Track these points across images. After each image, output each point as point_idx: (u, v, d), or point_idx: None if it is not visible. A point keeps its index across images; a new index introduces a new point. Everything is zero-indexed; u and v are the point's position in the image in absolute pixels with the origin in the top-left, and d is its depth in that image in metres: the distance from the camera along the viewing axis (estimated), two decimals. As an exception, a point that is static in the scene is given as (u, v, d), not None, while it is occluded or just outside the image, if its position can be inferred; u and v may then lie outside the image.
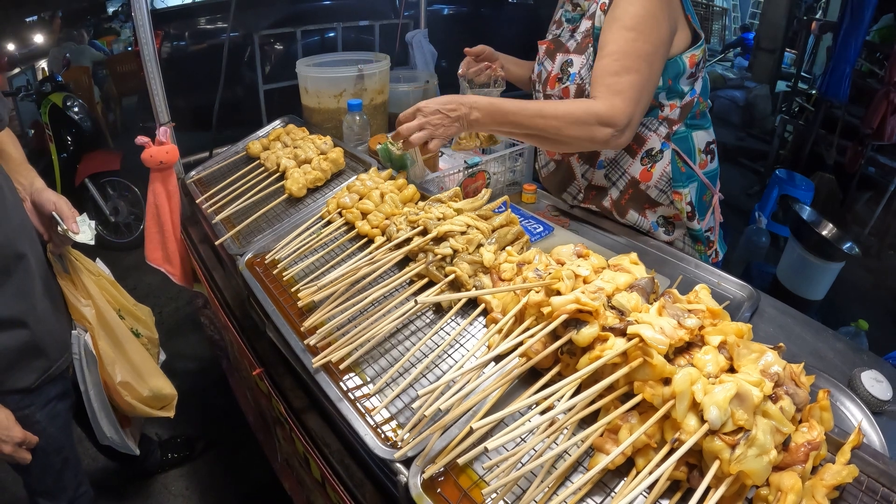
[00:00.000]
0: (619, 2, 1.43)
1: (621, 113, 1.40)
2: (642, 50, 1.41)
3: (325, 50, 2.90)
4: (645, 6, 1.40)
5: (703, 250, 1.77)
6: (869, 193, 4.60)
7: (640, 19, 1.40)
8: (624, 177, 1.68)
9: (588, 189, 1.78)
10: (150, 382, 1.85)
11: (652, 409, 0.89)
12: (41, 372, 1.50)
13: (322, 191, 1.92)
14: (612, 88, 1.41)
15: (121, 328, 1.78)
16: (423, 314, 1.30)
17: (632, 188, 1.68)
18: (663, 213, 1.72)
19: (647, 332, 0.89)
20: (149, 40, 2.05)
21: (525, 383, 1.05)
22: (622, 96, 1.40)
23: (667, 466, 0.81)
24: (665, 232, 1.73)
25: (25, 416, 1.49)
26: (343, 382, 1.16)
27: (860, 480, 0.88)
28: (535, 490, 0.86)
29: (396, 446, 1.00)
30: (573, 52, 1.60)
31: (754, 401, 0.83)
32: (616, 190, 1.71)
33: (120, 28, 6.86)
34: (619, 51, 1.41)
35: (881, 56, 4.83)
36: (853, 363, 1.27)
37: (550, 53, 1.68)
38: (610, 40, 1.43)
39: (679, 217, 1.70)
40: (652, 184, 1.66)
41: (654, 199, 1.69)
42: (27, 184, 1.57)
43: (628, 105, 1.41)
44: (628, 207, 1.72)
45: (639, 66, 1.41)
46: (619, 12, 1.43)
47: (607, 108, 1.40)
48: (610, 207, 1.74)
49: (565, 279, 1.04)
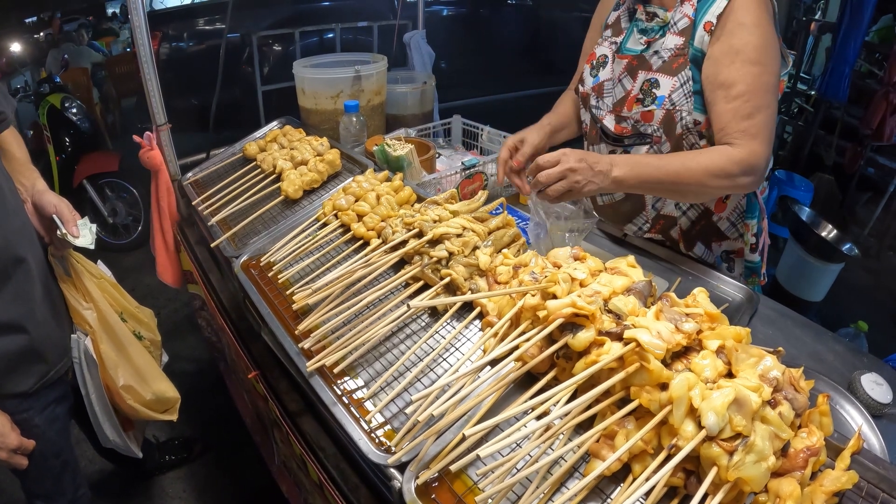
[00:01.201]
0: (736, 31, 1.31)
1: (762, 157, 1.32)
2: (768, 84, 1.32)
3: (324, 51, 2.90)
4: (765, 35, 1.30)
5: (756, 282, 1.69)
6: (868, 194, 4.59)
7: (763, 51, 1.30)
8: (696, 207, 1.58)
9: (656, 219, 1.64)
10: (153, 386, 1.83)
11: (649, 415, 0.88)
12: (40, 376, 1.49)
13: (318, 192, 1.91)
14: (748, 133, 1.31)
15: (123, 331, 1.76)
16: (419, 317, 1.29)
17: (704, 219, 1.59)
18: (728, 247, 1.65)
19: (643, 337, 0.88)
20: (145, 42, 2.05)
21: (521, 388, 1.04)
22: (759, 139, 1.31)
23: (663, 473, 0.80)
24: (728, 268, 1.66)
25: (24, 420, 1.48)
26: (337, 386, 1.16)
27: (860, 486, 0.87)
28: (530, 496, 0.85)
29: (391, 451, 1.00)
30: (658, 72, 1.43)
31: (753, 406, 0.82)
32: (686, 220, 1.60)
33: (119, 29, 6.85)
34: (749, 91, 1.30)
35: (880, 56, 4.81)
36: (853, 366, 1.27)
37: (631, 70, 1.49)
38: (737, 79, 1.31)
39: (742, 252, 1.63)
40: (724, 215, 1.59)
41: (723, 232, 1.61)
42: (29, 185, 1.56)
43: (766, 147, 1.32)
44: (697, 239, 1.63)
45: (768, 102, 1.32)
46: (739, 44, 1.30)
47: (748, 154, 1.31)
48: (678, 238, 1.63)
49: (561, 282, 1.03)
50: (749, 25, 1.29)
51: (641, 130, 1.48)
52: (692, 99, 1.40)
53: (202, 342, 3.13)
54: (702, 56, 1.36)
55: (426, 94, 2.77)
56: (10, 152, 1.59)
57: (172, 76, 2.47)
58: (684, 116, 1.41)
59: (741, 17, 1.30)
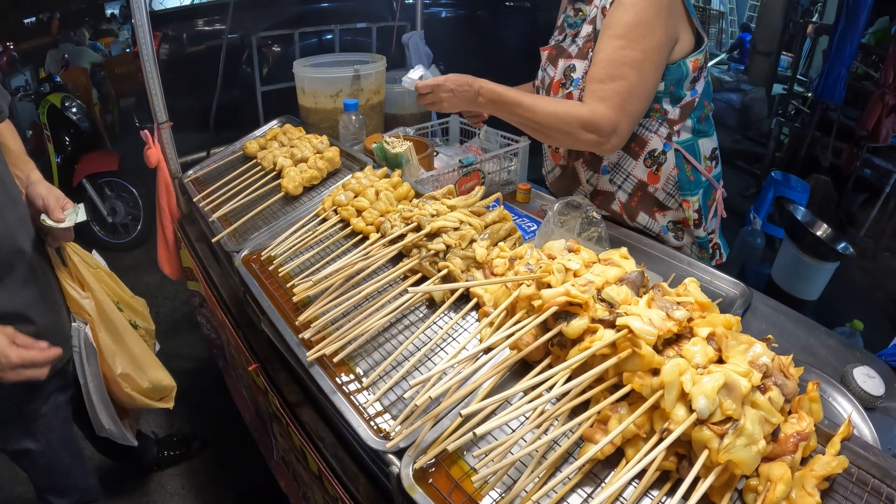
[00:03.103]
0: (614, 10, 1.46)
1: (603, 119, 1.44)
2: (629, 57, 1.43)
3: (323, 52, 2.92)
4: (637, 14, 1.42)
5: (706, 257, 1.79)
6: (864, 195, 4.61)
7: (630, 27, 1.42)
8: (629, 180, 1.68)
9: (594, 194, 1.78)
10: (150, 374, 1.84)
11: (641, 400, 0.90)
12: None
13: (318, 189, 1.93)
14: (596, 94, 1.46)
15: (120, 320, 1.77)
16: (417, 309, 1.31)
17: (640, 191, 1.69)
18: (673, 217, 1.72)
19: (635, 324, 0.90)
20: (147, 41, 2.07)
21: (516, 376, 1.06)
22: (606, 103, 1.44)
23: (655, 454, 0.82)
24: (675, 237, 1.74)
25: (31, 411, 1.49)
26: (337, 376, 1.17)
27: (850, 472, 0.89)
28: (525, 480, 0.87)
29: (389, 438, 1.01)
30: (575, 58, 1.60)
31: (742, 391, 0.84)
32: (623, 193, 1.71)
33: (118, 30, 6.88)
34: (607, 58, 1.45)
35: (876, 58, 4.84)
36: (846, 360, 1.28)
37: (553, 59, 1.68)
38: (600, 48, 1.47)
39: (687, 223, 1.71)
40: (659, 186, 1.66)
41: (662, 203, 1.69)
42: (24, 177, 1.58)
43: (612, 111, 1.44)
44: (638, 210, 1.72)
45: (625, 73, 1.43)
46: (612, 20, 1.46)
47: (589, 112, 1.44)
48: (620, 211, 1.74)
49: (556, 272, 1.05)
50: (626, 5, 1.43)
51: None
52: None
53: (201, 340, 3.15)
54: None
55: (424, 94, 2.79)
56: (6, 144, 1.60)
57: (172, 76, 2.49)
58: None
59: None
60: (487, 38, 5.82)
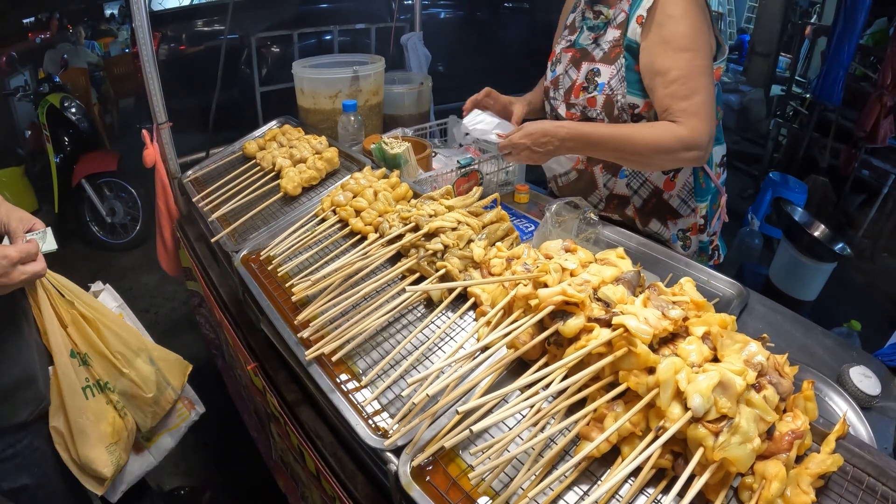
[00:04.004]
0: (665, 22, 1.44)
1: (703, 133, 1.43)
2: (701, 67, 1.44)
3: (322, 52, 2.93)
4: (691, 24, 1.42)
5: (705, 259, 1.80)
6: (863, 196, 4.61)
7: (691, 38, 1.42)
8: (646, 185, 1.69)
9: (609, 198, 1.77)
10: (83, 449, 1.47)
11: (637, 399, 0.90)
12: (35, 404, 1.40)
13: (317, 189, 1.93)
14: (687, 112, 1.43)
15: (68, 376, 1.42)
16: (415, 308, 1.32)
17: (655, 197, 1.69)
18: (683, 224, 1.73)
19: (631, 322, 0.91)
20: (147, 41, 2.08)
21: (514, 376, 1.07)
22: (699, 117, 1.43)
23: (650, 452, 0.83)
24: (682, 247, 1.75)
25: (25, 447, 1.39)
26: (335, 374, 1.18)
27: (846, 470, 0.90)
28: (522, 477, 0.88)
29: (387, 436, 1.02)
30: (600, 62, 1.58)
31: (737, 389, 0.84)
32: (639, 198, 1.71)
33: (117, 30, 6.89)
34: (685, 74, 1.43)
35: (874, 60, 4.85)
36: (842, 359, 1.28)
37: (576, 61, 1.65)
38: (671, 66, 1.44)
39: (695, 228, 1.72)
40: (674, 193, 1.67)
41: (675, 210, 1.70)
42: None
43: (706, 123, 1.43)
44: (651, 216, 1.73)
45: (704, 83, 1.44)
46: (669, 34, 1.44)
47: (689, 131, 1.42)
48: (633, 216, 1.74)
49: (552, 272, 1.05)
50: (677, 16, 1.42)
51: (588, 115, 1.63)
52: (625, 84, 1.54)
53: (200, 341, 3.15)
54: (636, 46, 1.50)
55: (423, 95, 2.80)
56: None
57: (171, 77, 2.49)
58: (619, 99, 1.56)
59: (669, 9, 1.43)
60: (486, 38, 5.83)
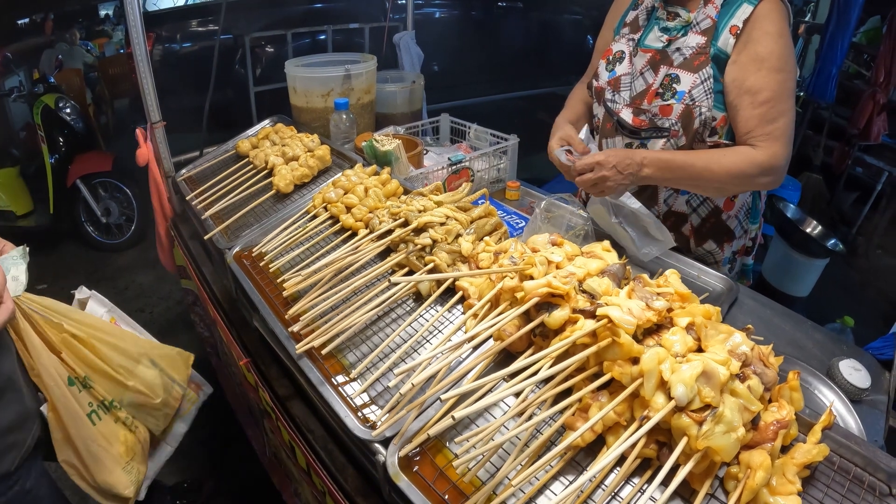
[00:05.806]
0: (761, 38, 1.37)
1: (781, 158, 1.40)
2: (791, 90, 1.40)
3: (316, 52, 2.93)
4: (786, 44, 1.38)
5: (744, 281, 1.76)
6: (856, 193, 4.64)
7: (785, 59, 1.38)
8: (706, 204, 1.63)
9: (667, 215, 1.68)
10: (100, 476, 1.43)
11: (622, 389, 0.91)
12: (18, 450, 1.30)
13: (309, 187, 1.94)
14: (772, 136, 1.39)
15: (69, 406, 1.37)
16: (404, 302, 1.33)
17: (714, 217, 1.64)
18: (735, 247, 1.70)
19: (615, 313, 0.92)
20: (141, 41, 2.08)
21: (500, 367, 1.07)
22: (781, 141, 1.39)
23: (634, 440, 0.84)
24: (729, 269, 1.72)
25: (16, 493, 1.31)
26: (325, 367, 1.19)
27: (832, 460, 0.91)
28: (508, 467, 0.89)
29: (376, 427, 1.03)
30: (679, 68, 1.47)
31: (721, 379, 0.85)
32: (697, 217, 1.65)
33: (111, 31, 6.87)
34: (775, 96, 1.38)
35: (867, 57, 4.87)
36: (832, 353, 1.29)
37: (654, 64, 1.52)
38: (763, 86, 1.38)
39: (743, 250, 1.70)
40: (732, 213, 1.64)
41: (732, 231, 1.66)
42: None
43: (786, 148, 1.40)
44: (708, 237, 1.67)
45: (790, 106, 1.40)
46: (765, 52, 1.37)
47: (769, 157, 1.39)
48: (689, 234, 1.68)
49: (538, 265, 1.06)
50: (774, 34, 1.36)
51: (659, 124, 1.51)
52: (712, 96, 1.44)
53: (195, 340, 3.15)
54: (724, 57, 1.41)
55: (415, 94, 2.80)
56: None
57: (165, 77, 2.48)
58: (703, 112, 1.45)
59: (767, 26, 1.36)
60: (480, 38, 5.84)
